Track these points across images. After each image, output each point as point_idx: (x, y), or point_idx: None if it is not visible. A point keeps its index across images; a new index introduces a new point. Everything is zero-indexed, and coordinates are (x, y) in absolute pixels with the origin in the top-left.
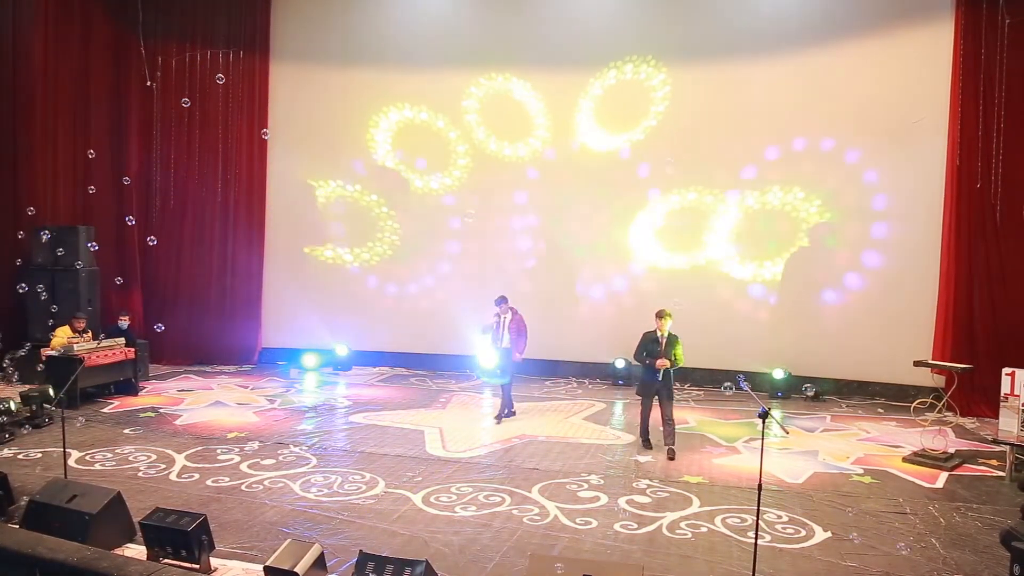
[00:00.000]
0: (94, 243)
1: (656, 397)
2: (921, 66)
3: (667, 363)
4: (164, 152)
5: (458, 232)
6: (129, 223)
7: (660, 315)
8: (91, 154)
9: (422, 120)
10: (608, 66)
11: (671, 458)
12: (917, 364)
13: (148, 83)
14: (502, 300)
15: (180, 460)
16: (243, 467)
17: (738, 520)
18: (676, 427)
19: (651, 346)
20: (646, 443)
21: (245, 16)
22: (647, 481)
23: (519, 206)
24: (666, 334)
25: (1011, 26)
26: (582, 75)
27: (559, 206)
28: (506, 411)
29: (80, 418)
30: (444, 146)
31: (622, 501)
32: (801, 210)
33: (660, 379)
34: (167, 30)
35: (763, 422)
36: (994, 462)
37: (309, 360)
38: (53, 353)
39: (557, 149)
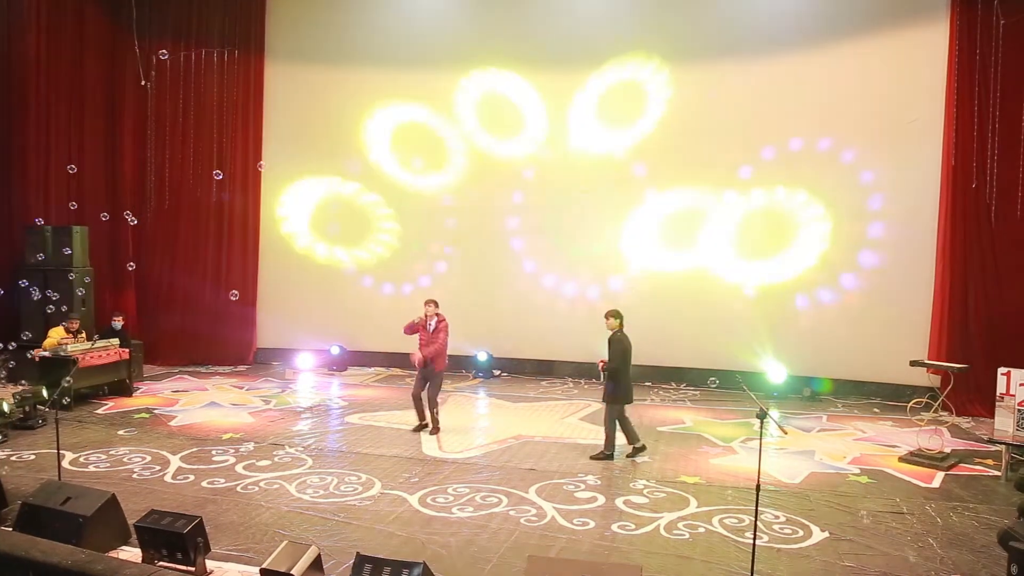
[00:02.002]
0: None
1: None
2: (917, 66)
3: (600, 364)
4: (158, 151)
5: (453, 232)
6: (131, 222)
7: (604, 316)
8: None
9: (417, 119)
10: (605, 64)
11: (628, 456)
12: (913, 364)
13: (142, 82)
14: (432, 303)
15: (175, 461)
16: (238, 468)
17: (735, 520)
18: (668, 429)
19: None
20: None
21: (240, 15)
22: (644, 481)
23: (515, 206)
24: (609, 334)
25: (1006, 27)
26: (578, 73)
27: (555, 205)
28: (425, 423)
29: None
30: (439, 145)
31: (619, 502)
32: (797, 210)
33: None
34: (162, 29)
35: (761, 422)
36: (990, 461)
37: (304, 360)
38: (46, 354)
39: (553, 148)
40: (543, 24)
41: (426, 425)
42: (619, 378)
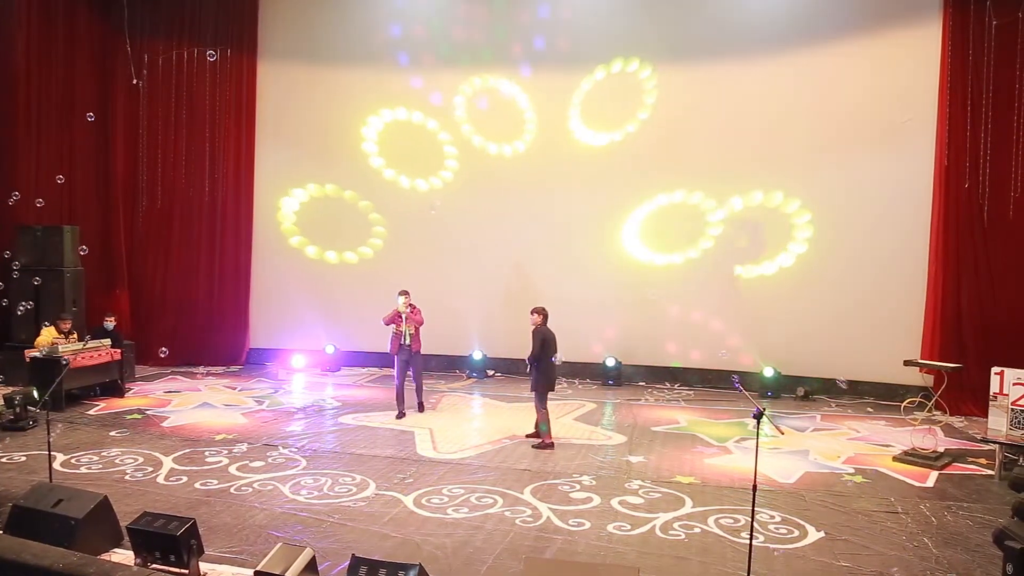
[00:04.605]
0: (83, 247)
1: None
2: (909, 66)
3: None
4: (151, 151)
5: (448, 232)
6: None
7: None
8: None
9: (411, 119)
10: (598, 65)
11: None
12: (907, 364)
13: (134, 81)
14: (405, 293)
15: (167, 463)
16: (232, 469)
17: (731, 520)
18: (663, 429)
19: None
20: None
21: (233, 14)
22: (639, 482)
23: (509, 205)
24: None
25: (998, 27)
26: (572, 74)
27: (549, 205)
28: (404, 413)
29: None
30: (433, 146)
31: (614, 502)
32: (790, 209)
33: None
34: (154, 28)
35: (758, 422)
36: (983, 460)
37: (297, 361)
38: (37, 354)
39: (547, 148)
40: (538, 25)
41: (404, 414)
42: (542, 367)
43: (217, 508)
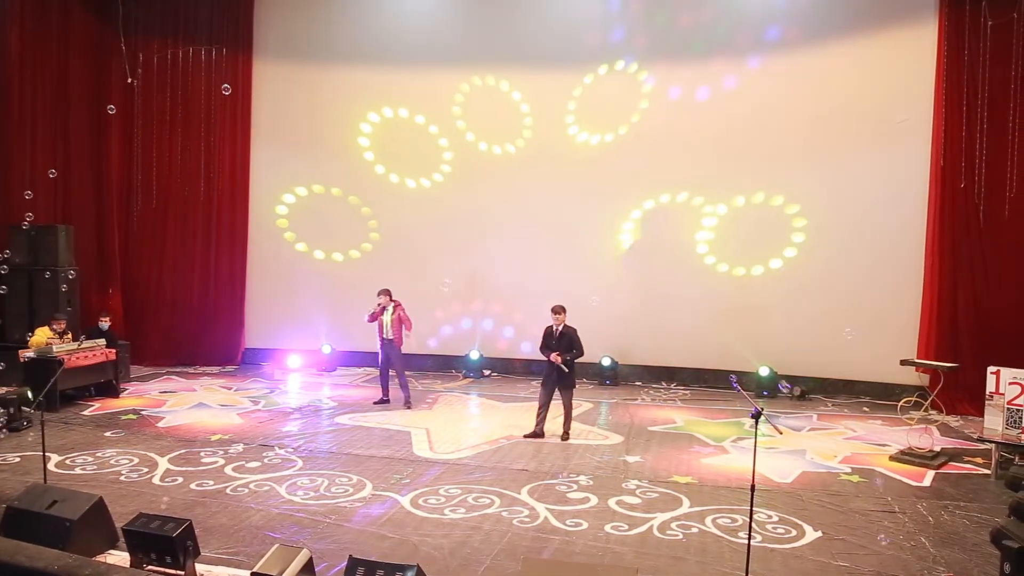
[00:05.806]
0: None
1: (556, 387)
2: (905, 67)
3: (558, 358)
4: (146, 151)
5: (444, 232)
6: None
7: (554, 311)
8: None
9: (407, 119)
10: (595, 65)
11: (564, 439)
12: (903, 363)
13: (129, 80)
14: (385, 292)
15: (163, 463)
16: (228, 470)
17: (729, 520)
18: (660, 429)
19: (547, 340)
20: (536, 433)
21: (228, 13)
22: (636, 481)
23: (505, 206)
24: (559, 328)
25: (994, 28)
26: (569, 74)
27: (545, 205)
28: (387, 399)
29: None
30: (429, 145)
31: (612, 502)
32: (786, 209)
33: (556, 370)
34: (148, 26)
35: (756, 422)
36: (979, 460)
37: (293, 361)
38: (32, 355)
39: (544, 148)
40: (535, 25)
41: (387, 400)
42: (575, 364)
43: (213, 509)
